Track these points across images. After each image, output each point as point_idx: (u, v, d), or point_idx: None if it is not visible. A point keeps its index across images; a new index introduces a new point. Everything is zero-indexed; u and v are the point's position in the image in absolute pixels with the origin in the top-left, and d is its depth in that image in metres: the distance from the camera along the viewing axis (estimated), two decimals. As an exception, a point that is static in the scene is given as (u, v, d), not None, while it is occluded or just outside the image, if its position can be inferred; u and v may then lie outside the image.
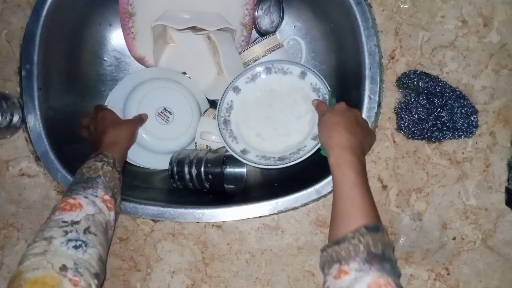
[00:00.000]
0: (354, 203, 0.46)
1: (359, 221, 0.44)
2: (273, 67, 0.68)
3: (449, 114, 0.60)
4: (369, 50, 0.62)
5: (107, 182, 0.54)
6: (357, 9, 0.62)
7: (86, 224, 0.47)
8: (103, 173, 0.55)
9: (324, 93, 0.65)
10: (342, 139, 0.51)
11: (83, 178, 0.53)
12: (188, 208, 0.61)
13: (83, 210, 0.48)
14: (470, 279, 0.58)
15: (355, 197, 0.46)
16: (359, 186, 0.47)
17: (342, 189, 0.47)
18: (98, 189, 0.52)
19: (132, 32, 0.74)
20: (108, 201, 0.52)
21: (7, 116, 0.61)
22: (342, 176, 0.48)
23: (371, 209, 0.46)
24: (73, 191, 0.51)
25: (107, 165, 0.56)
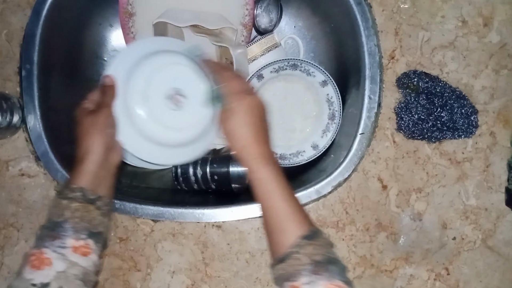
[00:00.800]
0: (284, 215, 0.45)
1: (294, 233, 0.44)
2: (300, 65, 0.68)
3: (449, 114, 0.60)
4: (369, 50, 0.62)
5: (77, 223, 0.46)
6: (357, 9, 0.62)
7: (57, 285, 0.43)
8: (70, 214, 0.46)
9: (335, 109, 0.68)
10: (256, 152, 0.48)
11: (50, 222, 0.47)
12: (188, 208, 0.61)
13: (53, 267, 0.43)
14: (470, 279, 0.58)
15: (283, 209, 0.45)
16: (283, 196, 0.46)
17: (268, 204, 0.46)
18: (66, 238, 0.45)
19: (132, 32, 0.74)
20: (82, 247, 0.46)
21: (7, 116, 0.60)
22: (265, 191, 0.47)
23: (301, 216, 0.46)
24: (42, 240, 0.45)
25: (74, 201, 0.47)
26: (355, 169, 0.61)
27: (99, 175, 0.50)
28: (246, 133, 0.49)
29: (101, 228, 0.49)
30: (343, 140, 0.67)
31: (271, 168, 0.47)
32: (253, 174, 0.48)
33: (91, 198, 0.48)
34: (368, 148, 0.61)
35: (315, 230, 0.45)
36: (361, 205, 0.60)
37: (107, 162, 0.52)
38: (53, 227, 0.46)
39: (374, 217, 0.60)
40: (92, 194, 0.48)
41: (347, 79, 0.69)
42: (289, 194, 0.47)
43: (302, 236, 0.43)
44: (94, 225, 0.48)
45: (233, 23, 0.72)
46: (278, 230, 0.45)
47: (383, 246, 0.59)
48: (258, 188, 0.47)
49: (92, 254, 0.47)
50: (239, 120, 0.49)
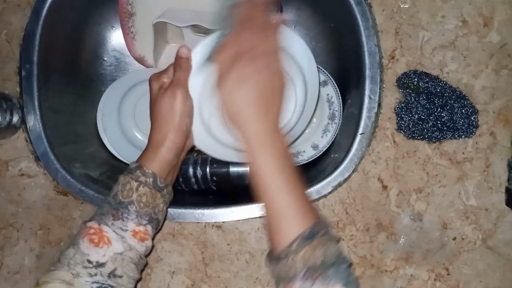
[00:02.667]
0: (284, 209, 0.40)
1: (293, 230, 0.39)
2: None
3: (449, 114, 0.60)
4: (369, 50, 0.62)
5: (141, 208, 0.45)
6: (357, 9, 0.62)
7: (113, 266, 0.43)
8: (137, 198, 0.45)
9: (335, 109, 0.67)
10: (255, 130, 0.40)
11: (115, 201, 0.46)
12: (188, 208, 0.61)
13: (111, 248, 0.43)
14: (470, 279, 0.58)
15: (284, 201, 0.40)
16: (286, 186, 0.40)
17: (267, 196, 0.40)
18: (128, 221, 0.45)
19: (131, 31, 0.74)
20: (141, 232, 0.45)
21: (7, 116, 0.60)
22: (265, 180, 0.40)
23: (304, 210, 0.40)
24: (104, 217, 0.45)
25: (143, 185, 0.46)
26: (355, 169, 0.61)
27: (173, 163, 0.48)
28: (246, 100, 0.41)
29: (160, 215, 0.48)
30: (343, 140, 0.67)
31: (273, 151, 0.40)
32: (251, 158, 0.41)
33: (160, 186, 0.47)
34: (368, 148, 0.61)
35: (317, 226, 0.40)
36: (361, 205, 0.60)
37: (182, 149, 0.49)
38: (118, 207, 0.45)
39: (374, 217, 0.60)
40: (162, 182, 0.47)
41: (347, 79, 0.69)
42: (292, 184, 0.40)
43: (301, 235, 0.39)
44: (156, 212, 0.47)
45: (233, 23, 0.72)
46: (276, 225, 0.40)
47: (383, 246, 0.59)
48: (257, 176, 0.41)
49: (148, 240, 0.47)
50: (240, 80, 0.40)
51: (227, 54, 0.42)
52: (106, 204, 0.46)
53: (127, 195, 0.45)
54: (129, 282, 0.45)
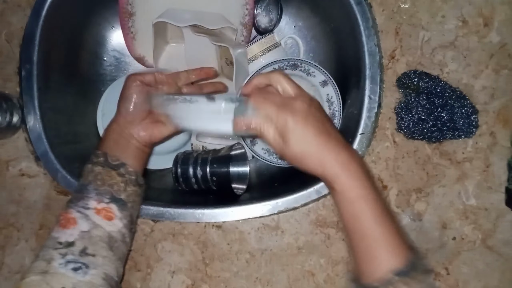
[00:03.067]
0: (375, 241, 0.37)
1: (387, 263, 0.36)
2: (300, 65, 0.66)
3: (449, 114, 0.60)
4: (369, 50, 0.62)
5: (99, 186, 0.47)
6: (357, 9, 0.62)
7: (82, 245, 0.44)
8: (93, 177, 0.48)
9: (335, 109, 0.66)
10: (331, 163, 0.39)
11: (78, 185, 0.50)
12: (188, 208, 0.61)
13: (77, 227, 0.45)
14: (469, 279, 0.58)
15: (375, 234, 0.38)
16: (374, 217, 0.38)
17: (355, 227, 0.38)
18: (89, 200, 0.46)
19: (131, 31, 0.74)
20: (104, 210, 0.46)
21: (7, 116, 0.61)
22: (350, 211, 0.38)
23: (397, 241, 0.38)
24: (70, 202, 0.48)
25: (97, 165, 0.48)
26: (355, 169, 0.61)
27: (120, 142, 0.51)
28: (314, 148, 0.40)
29: (123, 196, 0.48)
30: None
31: (360, 182, 0.39)
32: (340, 194, 0.39)
33: (113, 164, 0.49)
34: (368, 148, 0.61)
35: (413, 261, 0.38)
36: (361, 205, 0.60)
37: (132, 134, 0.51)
38: (80, 189, 0.48)
39: (374, 217, 0.60)
40: (114, 160, 0.49)
41: (347, 79, 0.69)
42: (383, 215, 0.38)
43: (396, 271, 0.36)
44: (116, 191, 0.48)
45: (233, 23, 0.72)
46: (367, 257, 0.38)
47: (383, 246, 0.59)
48: (345, 209, 0.39)
49: (116, 220, 0.47)
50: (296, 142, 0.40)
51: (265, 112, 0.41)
52: (73, 192, 0.50)
53: (85, 178, 0.49)
54: (106, 263, 0.44)
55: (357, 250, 0.39)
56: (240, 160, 0.68)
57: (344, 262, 0.59)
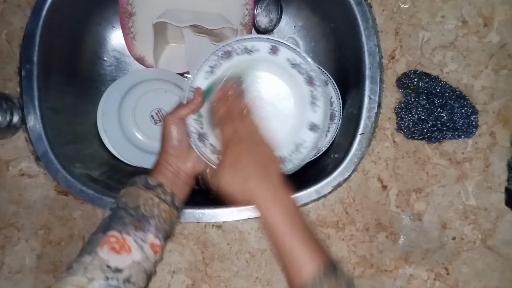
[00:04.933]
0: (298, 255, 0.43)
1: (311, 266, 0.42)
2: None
3: (449, 114, 0.60)
4: (369, 50, 0.62)
5: (161, 223, 0.48)
6: (357, 9, 0.62)
7: (129, 273, 0.45)
8: (158, 213, 0.48)
9: (335, 109, 0.61)
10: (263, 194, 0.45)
11: (137, 213, 0.48)
12: (188, 208, 0.61)
13: (131, 255, 0.45)
14: (469, 279, 0.59)
15: (298, 250, 0.43)
16: (297, 238, 0.43)
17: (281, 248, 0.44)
18: (148, 233, 0.47)
19: (131, 32, 0.74)
20: (157, 246, 0.48)
21: (7, 116, 0.61)
22: (276, 236, 0.44)
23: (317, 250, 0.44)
24: (125, 228, 0.47)
25: (164, 203, 0.49)
26: (355, 169, 0.61)
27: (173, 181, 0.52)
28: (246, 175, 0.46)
29: (173, 231, 0.52)
30: (343, 140, 0.67)
31: (280, 209, 0.45)
32: (262, 220, 0.46)
33: (177, 206, 0.51)
34: (368, 148, 0.61)
35: (333, 263, 0.43)
36: (361, 205, 0.60)
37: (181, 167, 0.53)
38: (140, 219, 0.47)
39: (374, 217, 0.60)
40: (180, 203, 0.51)
41: (347, 79, 0.69)
42: (303, 233, 0.44)
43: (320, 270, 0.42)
44: (171, 229, 0.51)
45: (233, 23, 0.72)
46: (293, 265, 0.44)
47: (383, 246, 0.60)
48: (269, 232, 0.45)
49: (159, 254, 0.49)
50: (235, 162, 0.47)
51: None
52: (127, 215, 0.48)
53: (150, 209, 0.48)
54: None
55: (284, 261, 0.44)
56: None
57: (344, 262, 0.59)
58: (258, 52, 0.54)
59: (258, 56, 0.54)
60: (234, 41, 0.53)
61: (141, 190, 0.49)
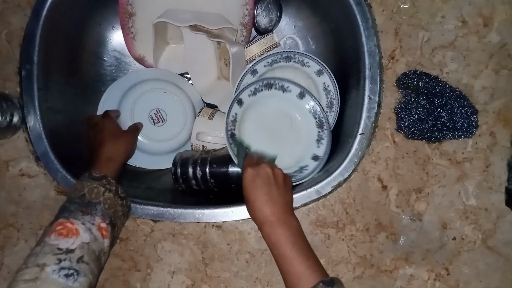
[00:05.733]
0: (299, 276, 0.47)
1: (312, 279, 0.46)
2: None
3: (449, 114, 0.60)
4: (369, 50, 0.62)
5: (106, 209, 0.53)
6: (357, 9, 0.62)
7: (80, 253, 0.47)
8: (103, 200, 0.54)
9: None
10: (266, 215, 0.51)
11: (83, 201, 0.53)
12: (188, 208, 0.61)
13: (79, 237, 0.48)
14: (470, 279, 0.58)
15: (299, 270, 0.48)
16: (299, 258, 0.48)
17: (284, 267, 0.49)
18: (96, 216, 0.52)
19: (131, 32, 0.74)
20: (104, 229, 0.52)
21: (7, 116, 0.61)
22: (280, 254, 0.49)
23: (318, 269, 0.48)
24: (72, 214, 0.51)
25: (109, 192, 0.55)
26: (355, 169, 0.61)
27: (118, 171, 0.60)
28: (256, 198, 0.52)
29: (118, 222, 0.56)
30: (343, 140, 0.67)
31: (284, 229, 0.50)
32: (267, 239, 0.51)
33: (122, 195, 0.56)
34: (368, 148, 0.61)
35: (334, 278, 0.47)
36: (361, 205, 0.60)
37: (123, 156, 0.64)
38: (87, 205, 0.52)
39: (374, 217, 0.60)
40: (123, 192, 0.57)
41: (347, 80, 0.69)
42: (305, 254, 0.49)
43: (322, 281, 0.46)
44: (115, 217, 0.55)
45: (233, 23, 0.72)
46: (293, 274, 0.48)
47: (383, 246, 0.59)
48: (273, 250, 0.50)
49: (107, 239, 0.52)
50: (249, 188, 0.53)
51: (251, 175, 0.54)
52: (73, 204, 0.52)
53: (95, 197, 0.53)
54: (92, 272, 0.49)
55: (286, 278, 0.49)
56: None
57: (344, 262, 0.59)
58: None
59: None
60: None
61: (85, 182, 0.54)
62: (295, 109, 0.65)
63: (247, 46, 0.74)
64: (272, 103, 0.65)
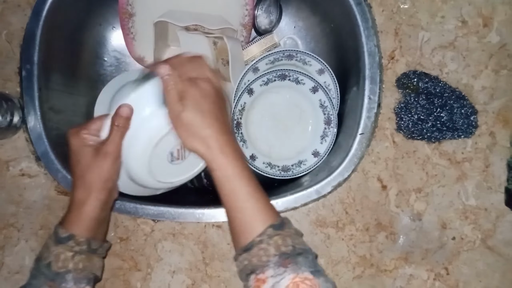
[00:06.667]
0: (250, 213, 0.43)
1: (262, 223, 0.42)
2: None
3: (449, 114, 0.60)
4: (369, 51, 0.62)
5: (79, 274, 0.45)
6: (357, 9, 0.62)
7: None
8: (73, 266, 0.45)
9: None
10: (220, 144, 0.43)
11: (49, 272, 0.44)
12: (188, 208, 0.61)
13: None
14: (469, 279, 0.58)
15: (250, 207, 0.43)
16: (249, 194, 0.43)
17: (233, 204, 0.44)
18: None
19: (131, 32, 0.74)
20: None
21: (8, 116, 0.61)
22: (230, 190, 0.43)
23: (268, 210, 0.43)
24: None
25: (79, 254, 0.45)
26: (355, 169, 0.61)
27: (101, 219, 0.48)
28: (204, 122, 0.43)
29: (98, 271, 0.49)
30: (343, 140, 0.67)
31: (236, 162, 0.44)
32: (217, 172, 0.44)
33: (95, 248, 0.47)
34: (368, 148, 0.61)
35: (283, 220, 0.43)
36: (361, 205, 0.60)
37: (109, 203, 0.49)
38: (54, 277, 0.44)
39: (374, 217, 0.60)
40: (96, 243, 0.47)
41: (346, 80, 0.69)
42: (255, 190, 0.44)
43: (270, 225, 0.42)
44: (94, 271, 0.47)
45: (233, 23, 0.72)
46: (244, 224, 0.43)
47: (382, 246, 0.60)
48: (223, 186, 0.44)
49: None
50: (193, 108, 0.43)
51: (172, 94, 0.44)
52: (40, 274, 0.45)
53: (63, 265, 0.44)
54: None
55: (235, 222, 0.44)
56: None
57: (344, 262, 0.59)
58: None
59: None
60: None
61: (51, 245, 0.46)
62: (307, 102, 0.67)
63: (247, 46, 0.74)
64: (284, 93, 0.68)
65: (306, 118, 0.69)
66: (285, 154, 0.68)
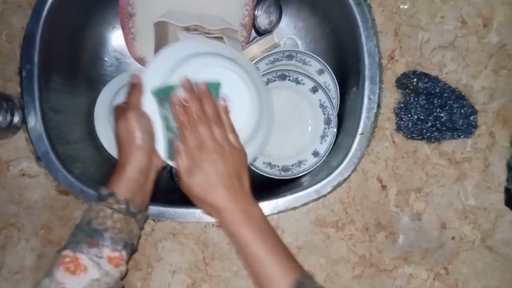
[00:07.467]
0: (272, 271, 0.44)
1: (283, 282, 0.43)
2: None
3: (449, 114, 0.60)
4: (368, 51, 0.62)
5: (116, 234, 0.46)
6: (356, 9, 0.62)
7: None
8: (111, 224, 0.46)
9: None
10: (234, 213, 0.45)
11: (89, 228, 0.46)
12: (189, 208, 0.61)
13: (87, 275, 0.44)
14: (469, 279, 0.59)
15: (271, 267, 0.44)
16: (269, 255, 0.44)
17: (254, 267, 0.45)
18: (104, 248, 0.45)
19: (132, 32, 0.74)
20: (116, 258, 0.46)
21: (8, 116, 0.61)
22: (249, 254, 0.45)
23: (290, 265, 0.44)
24: (78, 246, 0.45)
25: (117, 212, 0.47)
26: (355, 169, 0.61)
27: (140, 183, 0.49)
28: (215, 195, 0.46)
29: (135, 240, 0.49)
30: (343, 140, 0.67)
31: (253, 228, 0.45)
32: (234, 238, 0.46)
33: (134, 212, 0.48)
34: (368, 148, 0.61)
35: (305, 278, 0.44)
36: (361, 205, 0.60)
37: (149, 169, 0.51)
38: (92, 234, 0.45)
39: (374, 217, 0.60)
40: (135, 207, 0.48)
41: (346, 80, 0.69)
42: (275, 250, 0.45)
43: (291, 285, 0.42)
44: (130, 237, 0.48)
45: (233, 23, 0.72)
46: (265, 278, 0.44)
47: (382, 245, 0.60)
48: (242, 251, 0.46)
49: (123, 265, 0.47)
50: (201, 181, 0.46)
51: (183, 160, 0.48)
52: (81, 233, 0.46)
53: (102, 222, 0.46)
54: None
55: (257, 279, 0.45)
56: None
57: (344, 262, 0.60)
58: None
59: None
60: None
61: (94, 203, 0.47)
62: (306, 102, 0.68)
63: (247, 46, 0.74)
64: (284, 94, 0.68)
65: (306, 118, 0.69)
66: (285, 154, 0.68)
